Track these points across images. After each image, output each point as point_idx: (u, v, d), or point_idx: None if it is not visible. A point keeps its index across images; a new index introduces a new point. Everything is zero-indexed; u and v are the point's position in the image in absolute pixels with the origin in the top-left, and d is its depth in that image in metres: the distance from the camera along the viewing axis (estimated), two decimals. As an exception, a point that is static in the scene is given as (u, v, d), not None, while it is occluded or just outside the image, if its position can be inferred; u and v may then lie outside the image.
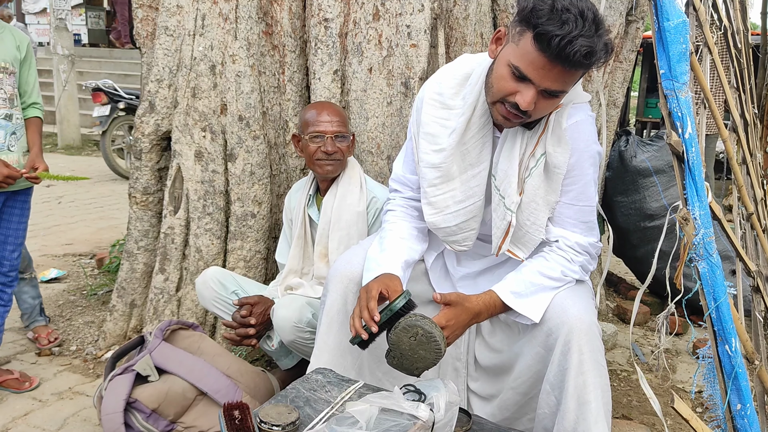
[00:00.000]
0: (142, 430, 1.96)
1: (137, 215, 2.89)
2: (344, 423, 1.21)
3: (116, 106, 7.03)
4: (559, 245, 1.69)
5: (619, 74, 3.17)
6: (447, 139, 1.68)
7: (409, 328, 1.45)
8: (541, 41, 1.38)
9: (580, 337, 1.54)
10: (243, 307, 2.23)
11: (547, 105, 1.52)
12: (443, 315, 1.54)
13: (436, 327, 1.45)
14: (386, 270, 1.67)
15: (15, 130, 2.43)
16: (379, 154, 2.60)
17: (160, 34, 2.72)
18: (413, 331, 1.44)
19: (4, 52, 2.38)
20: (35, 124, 2.56)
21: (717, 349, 1.33)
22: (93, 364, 2.79)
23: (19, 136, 2.46)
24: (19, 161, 2.44)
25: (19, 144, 2.45)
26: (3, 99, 2.38)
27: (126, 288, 2.89)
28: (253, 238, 2.68)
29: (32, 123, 2.55)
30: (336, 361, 1.75)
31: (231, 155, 2.64)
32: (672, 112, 1.30)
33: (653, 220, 3.46)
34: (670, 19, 1.28)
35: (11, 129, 2.41)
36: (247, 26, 2.58)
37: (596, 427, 1.52)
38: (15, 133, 2.43)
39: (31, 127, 2.54)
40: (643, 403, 2.58)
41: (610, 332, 3.07)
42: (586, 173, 1.66)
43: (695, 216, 1.29)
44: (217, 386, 2.05)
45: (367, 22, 2.56)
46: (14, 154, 2.43)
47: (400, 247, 1.76)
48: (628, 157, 3.52)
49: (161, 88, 2.77)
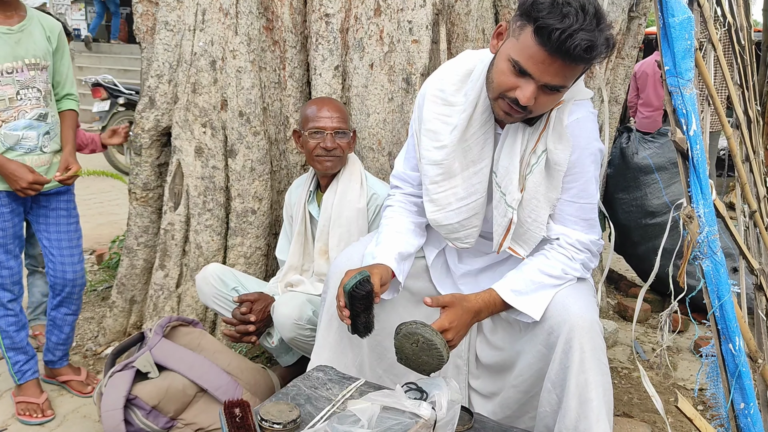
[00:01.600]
0: (142, 426, 1.96)
1: (137, 211, 2.88)
2: (346, 421, 1.20)
3: (116, 102, 7.02)
4: (560, 243, 1.68)
5: (621, 70, 3.16)
6: (449, 136, 1.67)
7: (410, 335, 1.45)
8: (541, 35, 1.37)
9: (581, 335, 1.53)
10: (243, 304, 2.22)
11: (548, 100, 1.50)
12: (445, 317, 1.52)
13: (437, 334, 1.44)
14: (380, 261, 1.66)
15: (49, 129, 2.27)
16: (380, 151, 2.59)
17: (160, 29, 2.70)
18: (414, 338, 1.45)
19: (34, 46, 2.20)
20: (70, 118, 2.38)
21: (720, 348, 1.33)
22: (93, 361, 2.79)
23: (53, 136, 2.29)
24: (51, 162, 2.28)
25: (52, 143, 2.28)
26: (36, 98, 2.21)
27: (126, 284, 2.88)
28: (253, 234, 2.67)
29: (67, 117, 2.37)
30: (336, 358, 1.74)
31: (231, 151, 2.63)
32: (677, 108, 1.29)
33: (654, 217, 3.45)
34: (675, 15, 1.27)
35: (45, 129, 2.24)
36: (248, 21, 2.57)
37: (598, 426, 1.52)
38: (48, 133, 2.26)
39: (65, 121, 2.36)
40: (644, 400, 2.57)
41: (611, 329, 3.07)
42: (587, 170, 1.65)
43: (699, 214, 1.28)
44: (217, 383, 2.05)
45: (369, 18, 2.54)
46: (47, 155, 2.26)
47: (394, 240, 1.76)
48: (630, 154, 3.51)
49: (161, 83, 2.76)
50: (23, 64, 2.17)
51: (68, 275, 2.38)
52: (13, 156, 2.17)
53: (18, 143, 2.18)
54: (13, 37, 2.14)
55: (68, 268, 2.38)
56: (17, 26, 2.16)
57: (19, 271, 2.31)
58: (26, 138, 2.20)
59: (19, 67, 2.16)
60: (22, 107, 2.18)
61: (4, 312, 2.27)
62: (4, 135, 2.15)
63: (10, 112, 2.15)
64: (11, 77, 2.14)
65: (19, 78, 2.16)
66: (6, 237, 2.23)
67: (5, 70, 2.13)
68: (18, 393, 2.37)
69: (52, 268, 2.38)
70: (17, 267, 2.30)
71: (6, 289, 2.27)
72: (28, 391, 2.35)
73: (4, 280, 2.26)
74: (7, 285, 2.27)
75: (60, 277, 2.38)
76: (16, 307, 2.31)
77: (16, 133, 2.17)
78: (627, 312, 3.48)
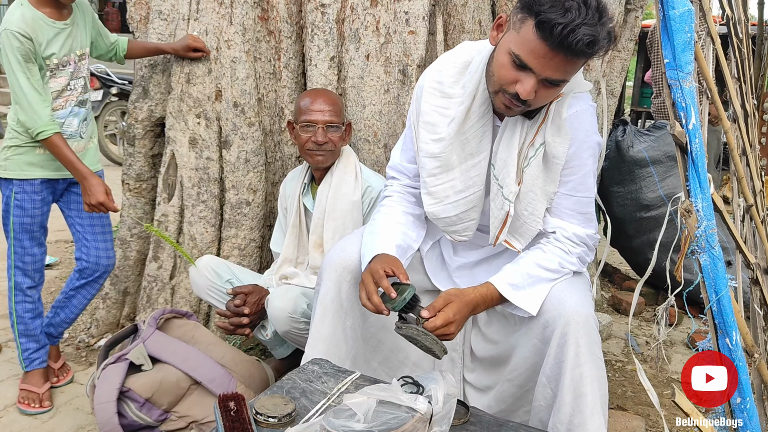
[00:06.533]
0: (136, 419, 1.95)
1: (130, 202, 2.86)
2: (342, 415, 1.19)
3: (109, 92, 6.95)
4: (556, 236, 1.67)
5: (617, 63, 3.15)
6: (446, 129, 1.65)
7: (410, 339, 1.50)
8: (543, 29, 1.35)
9: (577, 329, 1.52)
10: (237, 297, 2.21)
11: (548, 94, 1.49)
12: (449, 309, 1.51)
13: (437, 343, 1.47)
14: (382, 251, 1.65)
15: (87, 115, 2.34)
16: (376, 143, 2.58)
17: (153, 18, 2.67)
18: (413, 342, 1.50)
19: (82, 37, 2.28)
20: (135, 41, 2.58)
21: (717, 342, 1.32)
22: (85, 352, 2.77)
23: (89, 122, 2.36)
24: (86, 148, 2.34)
25: (88, 129, 2.36)
26: (82, 86, 2.30)
27: (119, 275, 2.87)
28: (247, 226, 2.65)
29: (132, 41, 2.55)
30: (330, 350, 1.73)
31: (226, 142, 2.61)
32: (676, 102, 1.28)
33: (649, 210, 3.45)
34: (676, 8, 1.26)
35: (84, 115, 2.32)
36: (243, 11, 2.54)
37: (592, 420, 1.51)
38: (86, 119, 2.34)
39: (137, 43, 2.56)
40: (637, 393, 2.58)
41: (605, 323, 3.07)
42: (585, 164, 1.64)
43: (698, 208, 1.28)
44: (211, 375, 2.04)
45: (365, 8, 2.52)
46: (84, 141, 2.33)
47: (393, 230, 1.74)
48: (625, 147, 3.51)
49: (155, 73, 2.73)
50: (75, 56, 2.25)
51: (102, 260, 2.43)
52: None
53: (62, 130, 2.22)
54: (66, 31, 2.20)
55: (102, 253, 2.42)
56: (69, 19, 2.22)
57: (41, 259, 2.36)
58: (68, 124, 2.26)
59: (72, 59, 2.24)
60: (70, 97, 2.26)
61: (22, 297, 2.33)
62: None
63: (59, 101, 2.23)
64: (65, 69, 2.22)
65: (72, 69, 2.24)
66: (34, 224, 2.28)
67: (61, 63, 2.20)
68: (23, 380, 2.39)
69: (86, 254, 2.40)
70: (40, 254, 2.35)
71: (27, 275, 2.32)
72: (33, 379, 2.37)
73: (26, 267, 2.31)
74: (28, 271, 2.32)
75: (93, 263, 2.41)
76: (34, 294, 2.36)
77: (60, 120, 2.22)
78: (621, 305, 3.49)
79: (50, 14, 2.14)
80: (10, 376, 2.54)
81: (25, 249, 2.29)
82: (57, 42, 2.16)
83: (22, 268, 2.30)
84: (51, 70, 2.17)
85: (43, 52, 2.12)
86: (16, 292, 2.32)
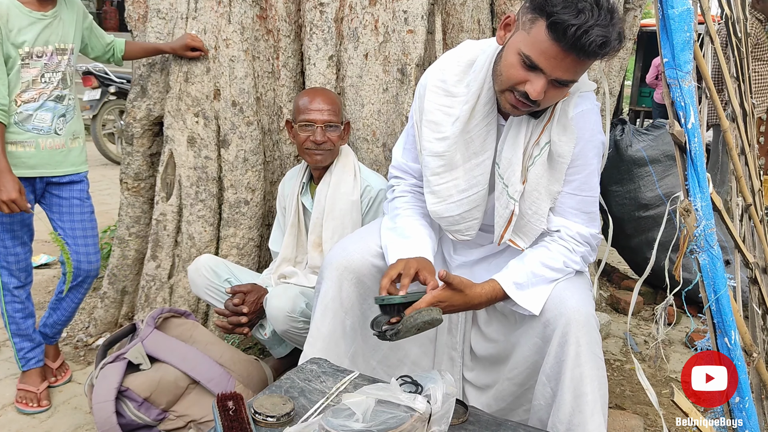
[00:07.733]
0: (134, 418, 1.94)
1: (129, 201, 2.85)
2: (340, 415, 1.19)
3: (107, 90, 6.94)
4: (560, 235, 1.67)
5: (616, 63, 3.14)
6: (450, 128, 1.65)
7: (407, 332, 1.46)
8: (555, 30, 1.35)
9: (577, 328, 1.52)
10: (235, 296, 2.21)
11: (557, 94, 1.49)
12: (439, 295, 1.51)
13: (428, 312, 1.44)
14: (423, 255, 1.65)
15: (65, 112, 2.28)
16: (375, 142, 2.57)
17: (152, 16, 2.67)
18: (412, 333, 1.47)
19: (64, 32, 2.24)
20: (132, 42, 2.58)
21: (716, 342, 1.32)
22: (84, 351, 2.77)
23: (69, 119, 2.30)
24: (67, 146, 2.30)
25: (67, 128, 2.29)
26: (58, 81, 2.25)
27: (117, 275, 2.86)
28: (246, 225, 2.65)
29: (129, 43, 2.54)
30: (329, 348, 1.73)
31: (224, 141, 2.60)
32: (675, 101, 1.28)
33: (648, 209, 3.45)
34: (675, 7, 1.26)
35: (60, 111, 2.26)
36: (241, 10, 2.54)
37: (592, 420, 1.51)
38: (64, 116, 2.28)
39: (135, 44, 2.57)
40: (636, 392, 2.58)
41: (604, 322, 3.07)
42: (590, 163, 1.64)
43: (697, 207, 1.28)
44: (209, 375, 2.03)
45: (363, 7, 2.52)
46: (61, 138, 2.27)
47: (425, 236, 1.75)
48: (624, 147, 3.50)
49: (153, 72, 2.72)
50: (53, 48, 2.21)
51: (83, 266, 2.39)
52: (27, 137, 2.20)
53: (30, 123, 2.19)
54: (44, 22, 2.18)
55: (83, 258, 2.39)
56: (51, 12, 2.20)
57: (26, 258, 2.34)
58: (40, 119, 2.22)
59: (48, 51, 2.20)
60: (44, 90, 2.22)
61: (10, 298, 2.31)
62: (17, 112, 2.17)
63: (31, 93, 2.20)
64: (39, 61, 2.19)
65: (46, 62, 2.21)
66: (14, 223, 2.26)
67: (35, 53, 2.17)
68: (21, 380, 2.38)
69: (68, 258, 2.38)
70: (24, 254, 2.33)
71: (13, 275, 2.31)
72: (30, 378, 2.37)
73: (11, 266, 2.29)
74: (13, 271, 2.30)
75: (75, 267, 2.39)
76: (22, 294, 2.35)
77: (28, 112, 2.19)
78: (619, 304, 3.49)
79: (28, 3, 2.14)
80: (8, 375, 2.54)
81: (7, 249, 2.27)
82: (31, 31, 2.14)
83: (6, 267, 2.29)
84: (23, 59, 2.15)
85: (14, 38, 2.11)
86: (5, 292, 2.31)
